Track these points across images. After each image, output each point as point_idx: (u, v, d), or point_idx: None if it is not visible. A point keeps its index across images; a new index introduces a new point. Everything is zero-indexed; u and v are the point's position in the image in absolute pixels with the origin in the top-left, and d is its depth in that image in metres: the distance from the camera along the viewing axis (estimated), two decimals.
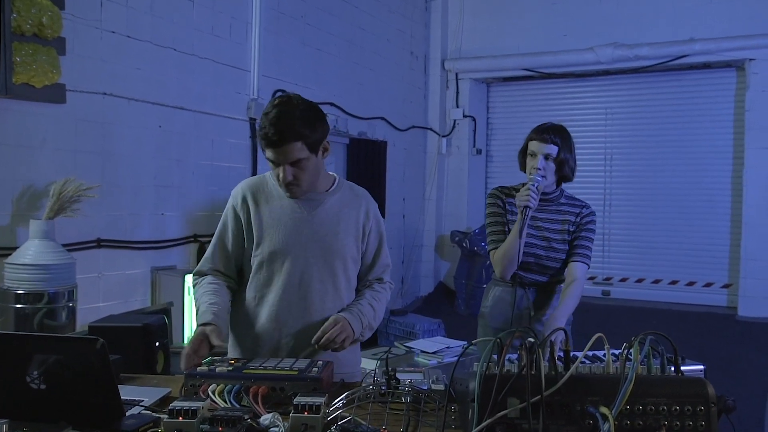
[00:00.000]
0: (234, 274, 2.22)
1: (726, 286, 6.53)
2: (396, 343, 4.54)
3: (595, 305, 6.51)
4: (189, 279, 3.99)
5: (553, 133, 2.63)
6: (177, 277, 4.00)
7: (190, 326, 3.97)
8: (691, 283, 6.68)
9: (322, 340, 2.00)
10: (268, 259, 2.14)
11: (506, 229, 2.70)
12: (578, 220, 2.68)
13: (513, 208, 2.69)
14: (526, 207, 2.53)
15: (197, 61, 4.39)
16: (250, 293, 2.19)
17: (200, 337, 1.95)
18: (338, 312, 2.12)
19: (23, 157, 3.35)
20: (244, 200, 2.17)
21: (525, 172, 2.72)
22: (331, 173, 2.25)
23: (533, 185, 2.56)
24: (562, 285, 2.69)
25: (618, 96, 7.00)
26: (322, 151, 2.09)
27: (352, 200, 2.22)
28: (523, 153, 2.71)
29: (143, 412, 1.56)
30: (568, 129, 2.76)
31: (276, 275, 2.14)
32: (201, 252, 4.36)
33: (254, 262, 2.16)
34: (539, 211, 2.61)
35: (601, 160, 7.01)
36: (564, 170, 2.65)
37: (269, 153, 2.03)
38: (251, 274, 2.18)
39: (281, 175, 2.04)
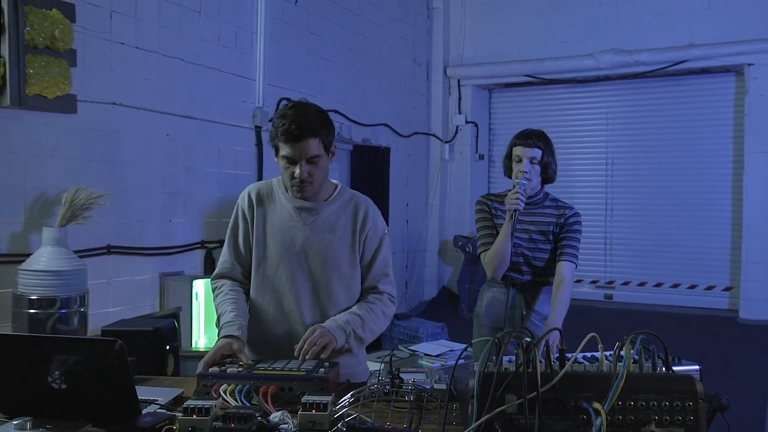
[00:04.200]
0: (249, 275, 2.25)
1: (727, 289, 6.57)
2: (400, 347, 4.61)
3: (597, 309, 6.56)
4: (197, 284, 4.06)
5: (536, 137, 2.79)
6: (185, 283, 4.07)
7: (198, 331, 4.05)
8: (692, 287, 6.72)
9: (305, 348, 1.99)
10: (263, 263, 2.21)
11: (494, 232, 2.85)
12: (561, 221, 2.82)
13: (499, 213, 2.87)
14: (515, 210, 2.69)
15: (203, 70, 4.47)
16: (251, 293, 2.24)
17: (225, 351, 1.97)
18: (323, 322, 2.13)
19: (36, 166, 3.43)
20: (251, 202, 2.24)
21: (510, 177, 2.89)
22: (333, 181, 2.29)
23: (521, 189, 2.72)
24: (550, 285, 2.82)
25: (618, 101, 7.06)
26: (330, 154, 2.17)
27: (350, 208, 2.24)
28: (508, 158, 2.87)
29: (159, 410, 1.63)
30: (570, 134, 2.90)
31: (270, 280, 2.20)
32: (208, 258, 4.43)
33: (253, 264, 2.23)
34: (525, 213, 2.77)
35: (602, 165, 7.06)
36: (548, 172, 2.82)
37: (287, 149, 2.08)
38: (252, 275, 2.24)
39: (297, 172, 2.09)
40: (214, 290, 2.26)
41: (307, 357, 1.98)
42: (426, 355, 4.37)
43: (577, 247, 2.80)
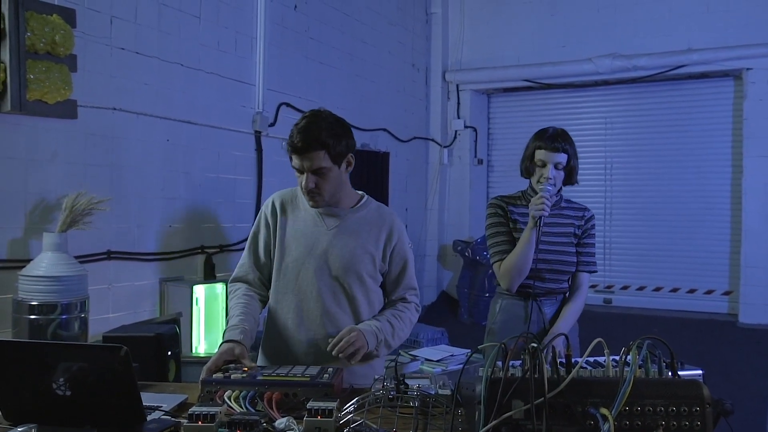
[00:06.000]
0: (266, 282, 2.29)
1: (727, 294, 6.57)
2: (400, 352, 4.60)
3: (597, 313, 6.55)
4: (197, 289, 4.06)
5: (563, 140, 2.58)
6: (185, 288, 4.06)
7: (198, 336, 4.04)
8: (692, 291, 6.72)
9: (339, 345, 2.04)
10: (285, 268, 2.22)
11: (511, 238, 2.64)
12: (582, 223, 2.67)
13: (516, 216, 2.67)
14: (540, 217, 2.49)
15: (203, 75, 4.47)
16: (271, 299, 2.27)
17: (227, 357, 1.97)
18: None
19: (36, 172, 3.42)
20: (274, 210, 2.26)
21: (528, 179, 2.68)
22: (359, 192, 2.33)
23: (546, 194, 2.52)
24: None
25: (617, 106, 7.07)
26: (345, 165, 2.18)
27: (375, 220, 2.28)
28: (529, 160, 2.65)
29: (163, 417, 1.63)
30: None
31: (291, 285, 2.21)
32: (208, 263, 4.42)
33: (274, 268, 2.25)
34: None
35: (601, 169, 7.07)
36: (573, 177, 2.63)
37: (294, 160, 2.13)
38: (272, 281, 2.26)
39: (303, 183, 2.13)
40: (229, 293, 2.30)
41: (340, 356, 2.02)
42: (427, 360, 4.37)
43: (594, 254, 2.69)
